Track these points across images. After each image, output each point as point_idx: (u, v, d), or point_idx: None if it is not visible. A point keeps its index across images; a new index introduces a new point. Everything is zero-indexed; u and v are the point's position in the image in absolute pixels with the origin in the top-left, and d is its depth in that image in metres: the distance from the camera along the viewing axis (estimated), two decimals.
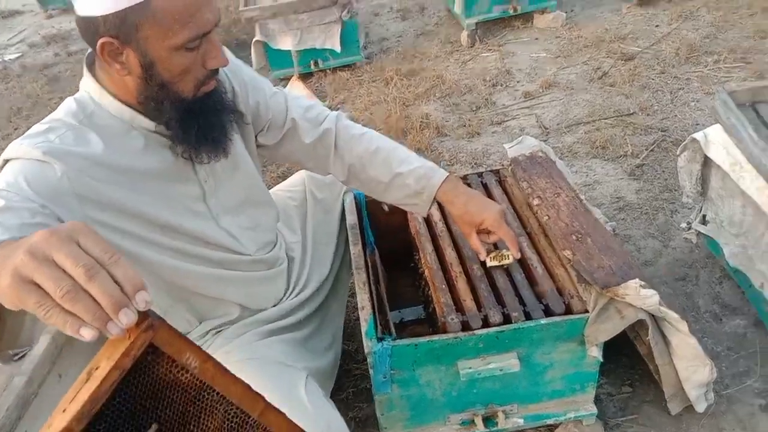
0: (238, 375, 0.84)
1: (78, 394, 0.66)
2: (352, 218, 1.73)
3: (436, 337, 1.38)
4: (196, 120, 1.19)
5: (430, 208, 1.49)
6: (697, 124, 2.71)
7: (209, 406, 0.79)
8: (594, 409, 1.57)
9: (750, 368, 1.73)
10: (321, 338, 1.63)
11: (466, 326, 1.39)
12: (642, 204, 2.35)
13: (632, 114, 2.83)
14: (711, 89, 2.91)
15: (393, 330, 1.47)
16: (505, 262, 1.49)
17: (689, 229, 2.05)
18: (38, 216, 0.98)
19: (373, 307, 1.48)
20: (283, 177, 2.76)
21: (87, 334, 0.62)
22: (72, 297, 0.62)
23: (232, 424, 0.82)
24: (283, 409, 0.88)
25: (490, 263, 1.49)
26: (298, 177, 1.87)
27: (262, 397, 0.84)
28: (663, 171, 2.49)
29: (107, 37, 1.06)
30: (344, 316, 1.84)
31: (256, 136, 1.46)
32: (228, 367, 0.81)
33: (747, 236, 1.74)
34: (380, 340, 1.40)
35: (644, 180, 2.46)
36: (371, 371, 1.41)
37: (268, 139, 1.48)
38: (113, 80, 1.15)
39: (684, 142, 1.89)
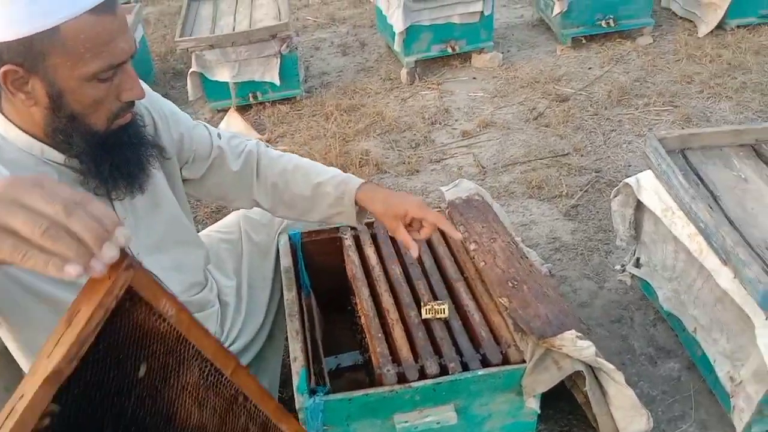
0: None
1: (62, 338, 0.64)
2: (286, 261, 1.67)
3: (371, 391, 1.32)
4: (109, 154, 1.12)
5: (358, 217, 1.46)
6: (629, 166, 2.78)
7: (186, 360, 0.79)
8: None
9: (685, 413, 1.74)
10: (263, 376, 1.56)
11: (402, 378, 1.34)
12: (577, 245, 2.37)
13: (567, 155, 2.88)
14: (642, 131, 3.00)
15: (327, 380, 1.41)
16: (440, 315, 1.45)
17: (623, 271, 2.07)
18: None
19: (306, 358, 1.41)
20: (218, 212, 2.67)
21: (73, 271, 0.61)
22: (52, 234, 0.61)
23: (207, 381, 0.82)
24: None
25: (425, 315, 1.46)
26: (233, 218, 1.81)
27: (234, 357, 0.84)
28: (597, 212, 2.53)
29: (11, 64, 0.98)
30: (281, 363, 1.77)
31: (181, 170, 1.40)
32: None
33: (679, 281, 1.76)
34: (313, 392, 1.33)
35: (579, 220, 2.49)
36: (304, 426, 1.34)
37: (194, 172, 1.43)
38: (19, 111, 1.07)
39: (617, 187, 1.91)
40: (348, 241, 1.72)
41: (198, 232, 1.61)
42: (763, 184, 1.70)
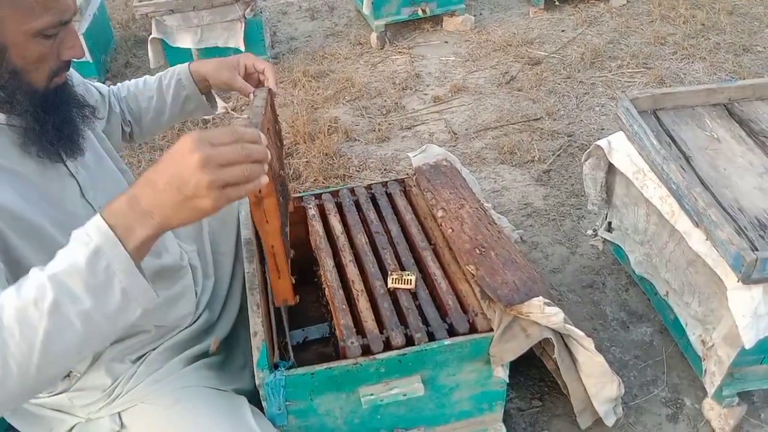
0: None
1: (278, 261, 1.19)
2: (246, 233, 1.61)
3: (334, 364, 1.27)
4: (50, 114, 1.09)
5: (207, 98, 1.51)
6: (603, 129, 2.74)
7: None
8: (503, 429, 1.51)
9: (657, 377, 1.73)
10: (235, 360, 1.52)
11: (366, 350, 1.30)
12: (549, 210, 2.33)
13: (539, 119, 2.83)
14: (615, 94, 2.96)
15: (291, 354, 1.36)
16: (407, 286, 1.40)
17: (595, 236, 2.04)
18: None
19: (270, 331, 1.36)
20: None
21: (264, 180, 0.89)
22: (249, 155, 0.86)
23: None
24: None
25: (391, 285, 1.41)
26: None
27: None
28: (570, 176, 2.49)
29: None
30: None
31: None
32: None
33: (651, 244, 1.73)
34: (275, 367, 1.28)
35: (551, 186, 2.45)
36: (264, 403, 1.29)
37: (99, 124, 1.41)
38: None
39: (588, 150, 1.87)
40: (312, 211, 1.66)
41: None
42: (736, 143, 1.66)
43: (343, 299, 1.41)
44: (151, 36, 3.17)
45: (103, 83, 3.30)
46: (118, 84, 1.54)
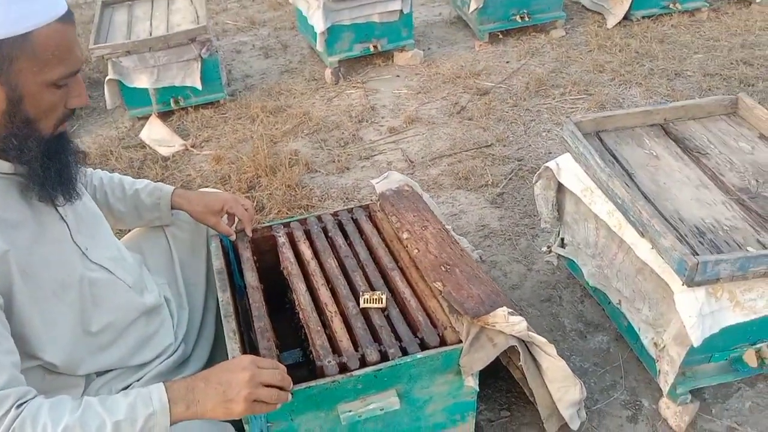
0: None
1: None
2: (218, 263, 1.66)
3: (313, 383, 1.33)
4: (53, 160, 1.15)
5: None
6: (550, 153, 2.89)
7: None
8: None
9: (616, 381, 1.83)
10: None
11: (344, 368, 1.35)
12: (505, 230, 2.44)
13: (490, 146, 2.97)
14: (559, 119, 3.12)
15: None
16: (378, 305, 1.48)
17: (550, 252, 2.15)
18: None
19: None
20: None
21: (288, 398, 1.21)
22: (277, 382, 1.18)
23: None
24: None
25: (363, 305, 1.48)
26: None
27: None
28: (522, 198, 2.61)
29: None
30: None
31: None
32: None
33: (602, 256, 1.85)
34: None
35: (505, 207, 2.57)
36: (246, 427, 1.33)
37: None
38: None
39: (539, 171, 1.99)
40: (281, 239, 1.72)
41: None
42: (673, 159, 1.81)
43: (318, 321, 1.47)
44: (107, 77, 3.20)
45: None
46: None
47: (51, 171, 1.15)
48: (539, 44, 3.89)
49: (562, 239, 2.09)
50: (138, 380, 1.40)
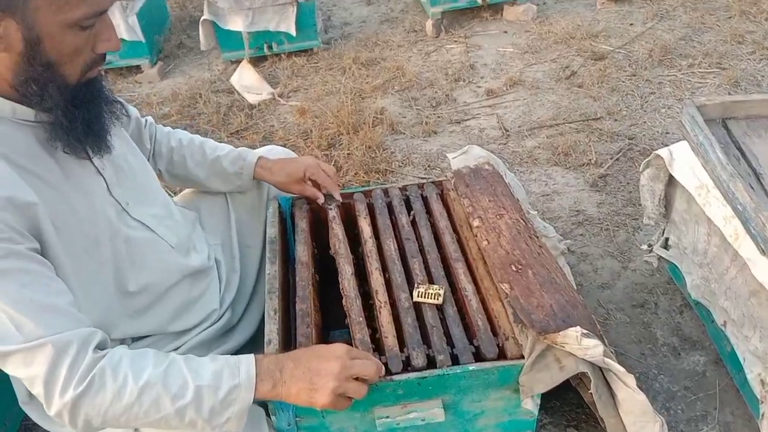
0: None
1: None
2: (272, 231, 1.53)
3: None
4: (81, 109, 1.05)
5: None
6: (667, 133, 2.55)
7: None
8: None
9: (707, 413, 1.57)
10: None
11: (385, 369, 1.20)
12: (603, 219, 2.17)
13: (599, 118, 2.66)
14: (683, 95, 2.75)
15: None
16: (433, 301, 1.30)
17: (650, 251, 1.88)
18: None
19: (285, 341, 1.28)
20: None
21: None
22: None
23: None
24: None
25: (416, 299, 1.31)
26: None
27: None
28: (628, 183, 2.32)
29: None
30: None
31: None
32: None
33: (711, 268, 1.57)
34: None
35: (607, 192, 2.29)
36: (273, 417, 1.22)
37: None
38: None
39: (647, 159, 1.71)
40: (332, 212, 1.56)
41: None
42: None
43: (360, 312, 1.31)
44: (202, 18, 3.14)
45: (154, 64, 3.30)
46: (158, 124, 1.51)
47: (77, 121, 1.05)
48: (670, 6, 3.45)
49: (667, 239, 1.81)
50: (177, 348, 1.31)
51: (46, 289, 0.98)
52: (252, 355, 1.06)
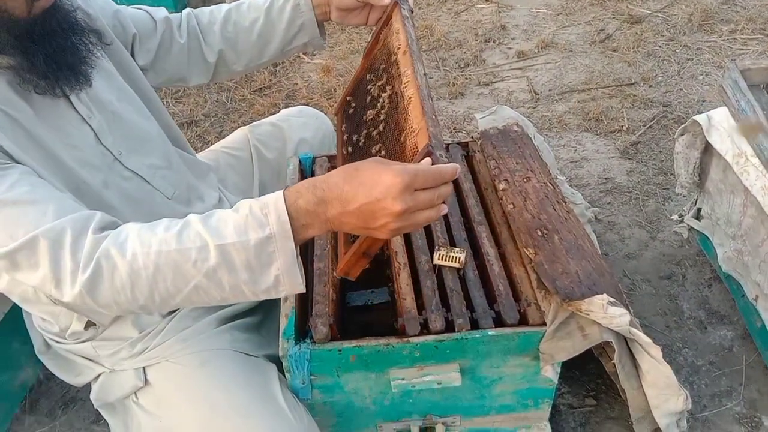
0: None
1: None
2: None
3: (363, 343, 1.16)
4: (39, 44, 0.98)
5: (320, 28, 1.36)
6: (704, 101, 2.45)
7: None
8: (548, 428, 1.37)
9: (732, 389, 1.53)
10: (273, 324, 1.44)
11: (401, 330, 1.18)
12: (632, 187, 2.11)
13: (633, 84, 2.56)
14: (723, 63, 2.64)
15: (329, 323, 1.24)
16: (454, 264, 1.26)
17: (681, 221, 1.82)
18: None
19: (309, 301, 1.25)
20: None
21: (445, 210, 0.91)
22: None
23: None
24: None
25: (436, 261, 1.27)
26: (240, 134, 1.68)
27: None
28: (660, 151, 2.24)
29: None
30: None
31: (134, 58, 1.29)
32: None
33: (745, 240, 1.51)
34: (304, 336, 1.19)
35: (638, 160, 2.21)
36: (287, 375, 1.20)
37: (144, 57, 1.31)
38: None
39: (684, 125, 1.64)
40: (405, 11, 1.46)
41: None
42: None
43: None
44: None
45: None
46: (201, 9, 1.37)
47: (38, 57, 0.97)
48: None
49: (699, 209, 1.75)
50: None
51: (30, 188, 0.92)
52: (280, 193, 0.89)
